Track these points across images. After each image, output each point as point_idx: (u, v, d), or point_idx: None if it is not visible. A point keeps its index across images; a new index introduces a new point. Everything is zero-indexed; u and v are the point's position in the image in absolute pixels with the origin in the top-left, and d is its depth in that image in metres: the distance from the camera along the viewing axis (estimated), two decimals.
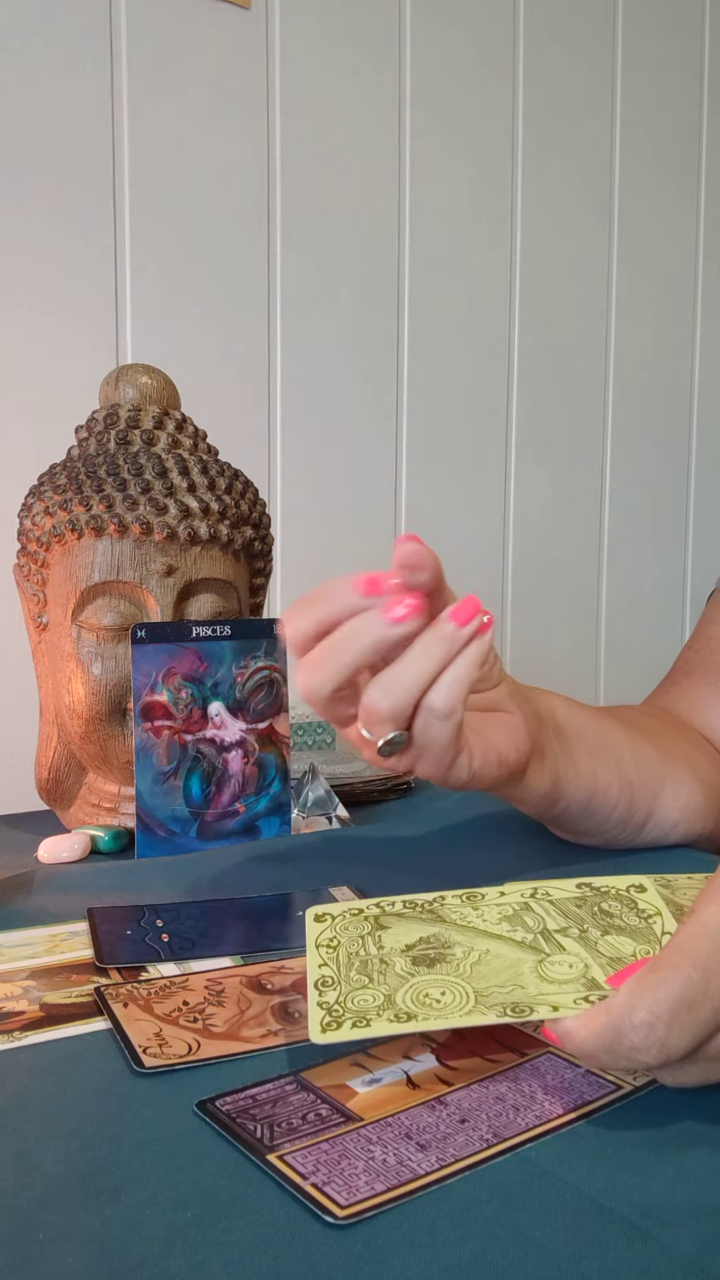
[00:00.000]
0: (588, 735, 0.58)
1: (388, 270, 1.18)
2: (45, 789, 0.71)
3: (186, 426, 0.71)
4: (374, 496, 1.18)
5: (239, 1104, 0.34)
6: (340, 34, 1.11)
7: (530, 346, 1.31)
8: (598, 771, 0.57)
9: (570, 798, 0.57)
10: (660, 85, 1.42)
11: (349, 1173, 0.30)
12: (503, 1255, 0.26)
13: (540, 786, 0.55)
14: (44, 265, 0.94)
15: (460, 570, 1.26)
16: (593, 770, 0.57)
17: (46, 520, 0.66)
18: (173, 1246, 0.27)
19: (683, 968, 0.31)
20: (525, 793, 0.55)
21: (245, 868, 0.60)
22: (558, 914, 0.42)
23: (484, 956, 0.39)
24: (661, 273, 1.45)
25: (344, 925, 0.43)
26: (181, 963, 0.46)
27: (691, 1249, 0.27)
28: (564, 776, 0.56)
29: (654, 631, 1.49)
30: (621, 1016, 0.31)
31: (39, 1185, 0.30)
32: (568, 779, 0.56)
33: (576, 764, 0.57)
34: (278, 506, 1.11)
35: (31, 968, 0.46)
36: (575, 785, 0.57)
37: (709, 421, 1.53)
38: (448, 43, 1.20)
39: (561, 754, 0.56)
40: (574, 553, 1.39)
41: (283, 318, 1.10)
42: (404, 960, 0.39)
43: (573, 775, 0.56)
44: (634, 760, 0.59)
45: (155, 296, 1.01)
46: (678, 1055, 0.31)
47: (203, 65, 1.02)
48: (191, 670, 0.64)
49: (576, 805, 0.57)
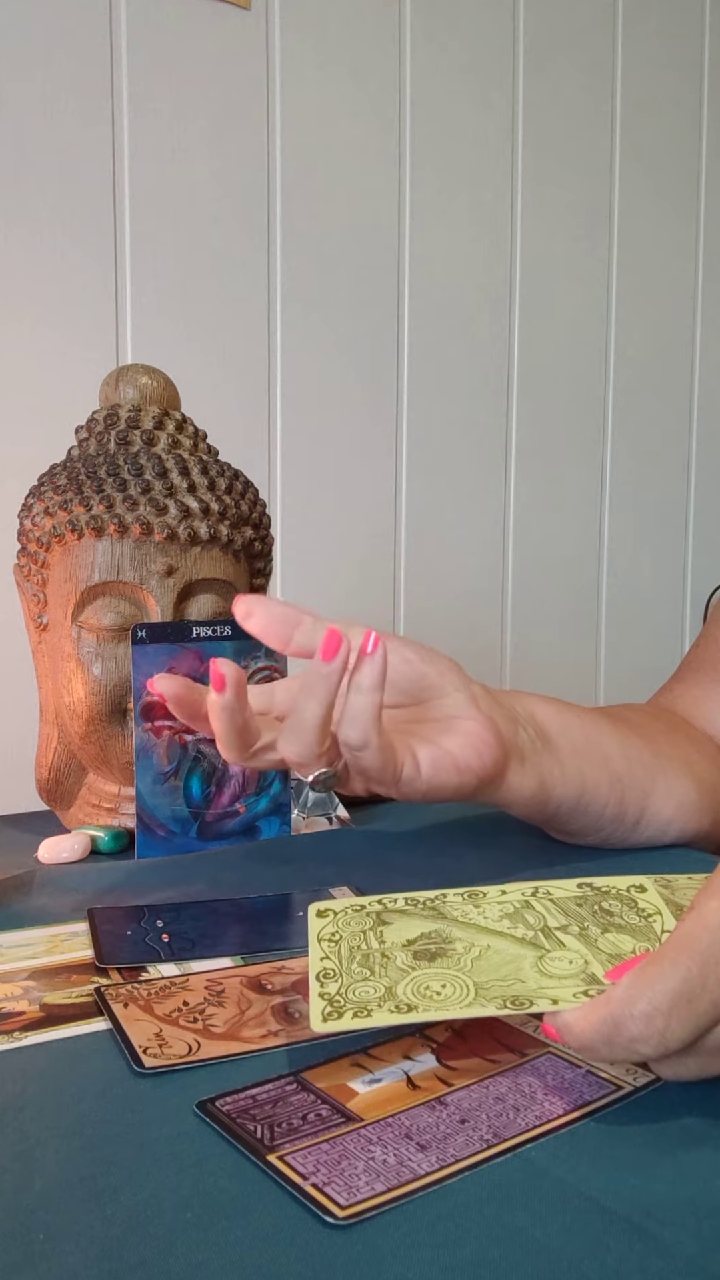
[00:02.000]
0: (572, 733, 0.58)
1: (388, 270, 1.18)
2: (45, 789, 0.71)
3: (186, 427, 0.71)
4: (374, 496, 1.18)
5: (239, 1104, 0.34)
6: (340, 34, 1.11)
7: (530, 346, 1.31)
8: (585, 769, 0.57)
9: (560, 798, 0.57)
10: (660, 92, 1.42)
11: (349, 1173, 0.30)
12: (503, 1255, 0.26)
13: (525, 789, 0.55)
14: (44, 265, 0.94)
15: (460, 570, 1.26)
16: (579, 768, 0.57)
17: (46, 520, 0.67)
18: (173, 1246, 0.27)
19: (681, 961, 0.32)
20: (511, 796, 0.55)
21: (245, 868, 0.60)
22: (558, 912, 0.42)
23: (485, 952, 0.39)
24: (662, 273, 1.45)
25: (346, 920, 0.43)
26: (181, 963, 0.46)
27: (691, 1249, 0.27)
28: (550, 776, 0.56)
29: (654, 631, 1.49)
30: (621, 1008, 0.32)
31: (39, 1185, 0.30)
32: (554, 779, 0.56)
33: (562, 763, 0.57)
34: (278, 506, 1.11)
35: (31, 968, 0.46)
36: (563, 784, 0.57)
37: (709, 422, 1.53)
38: (448, 43, 1.20)
39: (545, 754, 0.56)
40: (574, 553, 1.39)
41: (283, 318, 1.10)
42: (405, 954, 0.39)
43: (559, 775, 0.56)
44: (623, 756, 0.59)
45: (155, 296, 1.01)
46: (676, 1047, 0.32)
47: (203, 65, 1.02)
48: (192, 670, 0.64)
49: (567, 805, 0.58)
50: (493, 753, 0.52)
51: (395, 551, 1.21)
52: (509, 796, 0.55)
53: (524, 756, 0.55)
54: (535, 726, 0.57)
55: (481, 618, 1.30)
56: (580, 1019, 0.33)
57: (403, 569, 1.21)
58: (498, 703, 0.55)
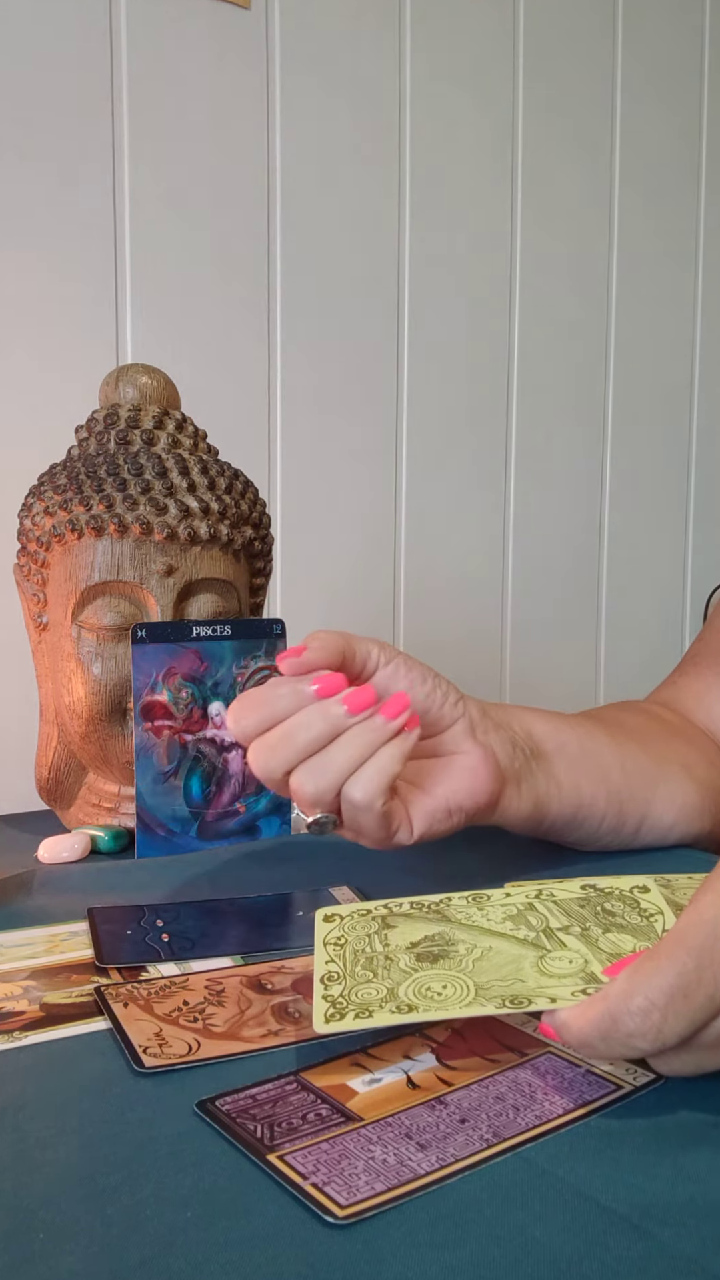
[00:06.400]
0: (569, 749, 0.58)
1: (388, 270, 1.18)
2: (45, 789, 0.71)
3: (186, 426, 0.71)
4: (374, 497, 1.18)
5: (239, 1104, 0.34)
6: (340, 34, 1.11)
7: (530, 346, 1.31)
8: (582, 785, 0.57)
9: (556, 814, 0.57)
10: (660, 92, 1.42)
11: (349, 1173, 0.30)
12: (503, 1255, 0.26)
13: (520, 811, 0.55)
14: (44, 265, 0.94)
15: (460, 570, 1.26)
16: (576, 784, 0.57)
17: (46, 520, 0.67)
18: (173, 1246, 0.27)
19: (678, 956, 0.32)
20: (505, 818, 0.55)
21: (245, 868, 0.60)
22: (561, 913, 0.42)
23: (486, 953, 0.39)
24: (662, 272, 1.45)
25: (352, 925, 0.43)
26: (181, 963, 0.46)
27: (691, 1249, 0.27)
28: (545, 795, 0.56)
29: (654, 630, 1.49)
30: (618, 1003, 0.32)
31: (39, 1185, 0.30)
32: (549, 797, 0.56)
33: (558, 781, 0.56)
34: (278, 506, 1.11)
35: (31, 968, 0.46)
36: (558, 801, 0.56)
37: (709, 421, 1.53)
38: (448, 43, 1.20)
39: (541, 774, 0.56)
40: (574, 552, 1.39)
41: (283, 318, 1.10)
42: (408, 957, 0.40)
43: (555, 792, 0.56)
44: (621, 768, 0.59)
45: (155, 297, 1.01)
46: (673, 1042, 0.32)
47: (203, 65, 1.02)
48: (192, 670, 0.64)
49: (562, 820, 0.57)
50: (487, 789, 0.52)
51: (395, 551, 1.21)
52: (503, 819, 0.55)
53: (520, 779, 0.55)
54: (532, 745, 0.56)
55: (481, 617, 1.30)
56: (577, 1016, 0.33)
57: (402, 569, 1.21)
58: (495, 726, 0.54)
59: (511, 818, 0.55)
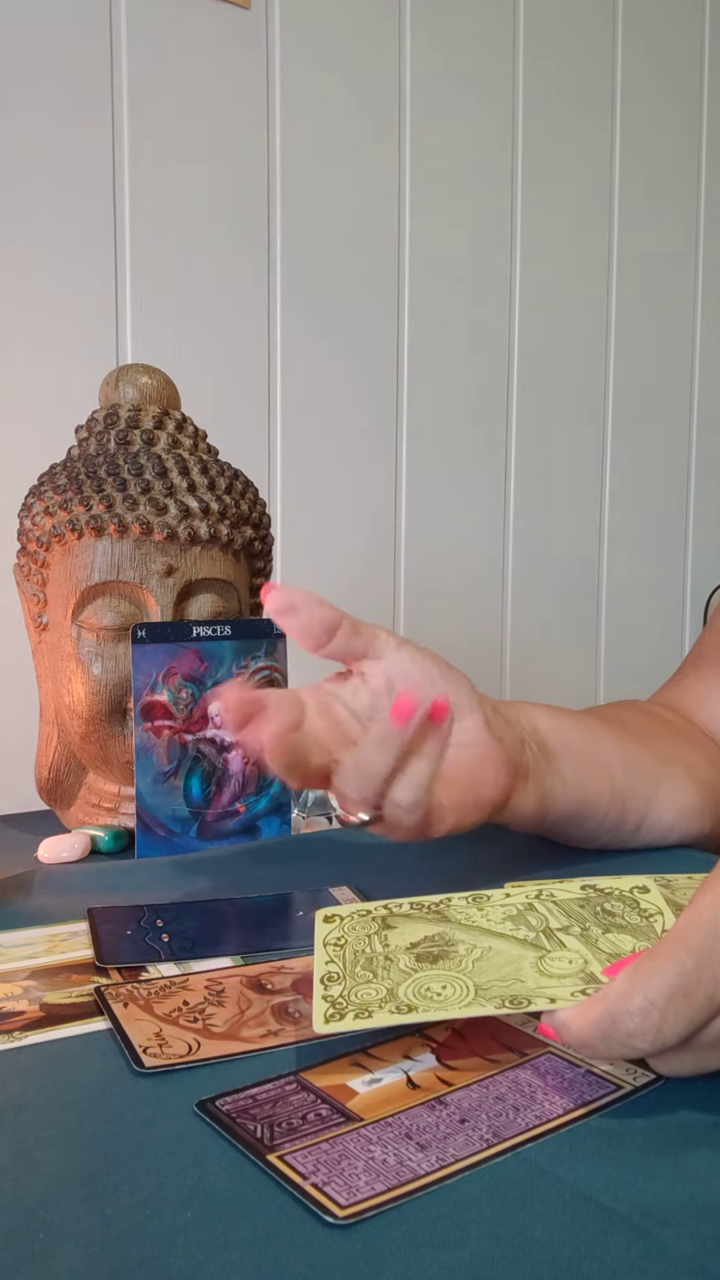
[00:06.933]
0: (574, 746, 0.58)
1: (388, 270, 1.18)
2: (45, 789, 0.71)
3: (186, 426, 0.71)
4: (374, 496, 1.18)
5: (239, 1104, 0.34)
6: (340, 34, 1.11)
7: (530, 346, 1.31)
8: (585, 782, 0.57)
9: (559, 811, 0.57)
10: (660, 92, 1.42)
11: (349, 1173, 0.30)
12: (503, 1255, 0.26)
13: (526, 807, 0.55)
14: (44, 265, 0.94)
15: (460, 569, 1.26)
16: (580, 781, 0.57)
17: (46, 520, 0.66)
18: (173, 1246, 0.27)
19: (677, 956, 0.32)
20: (512, 815, 0.55)
21: (245, 868, 0.60)
22: (560, 914, 0.42)
23: (486, 953, 0.39)
24: (662, 272, 1.45)
25: (352, 925, 0.44)
26: (181, 963, 0.46)
27: (691, 1249, 0.27)
28: (550, 791, 0.56)
29: (654, 631, 1.49)
30: (618, 1003, 0.32)
31: (39, 1185, 0.30)
32: (554, 793, 0.56)
33: (563, 777, 0.56)
34: (278, 506, 1.11)
35: (31, 968, 0.46)
36: (563, 798, 0.56)
37: (709, 422, 1.53)
38: (448, 42, 1.20)
39: (547, 770, 0.56)
40: (574, 552, 1.39)
41: (283, 317, 1.10)
42: (408, 957, 0.40)
43: (559, 789, 0.56)
44: (624, 766, 0.59)
45: (155, 297, 1.01)
46: (672, 1042, 0.32)
47: (203, 65, 1.02)
48: (192, 670, 0.64)
49: (565, 817, 0.57)
50: (503, 782, 0.52)
51: (395, 550, 1.21)
52: (510, 815, 0.55)
53: (528, 775, 0.54)
54: (538, 740, 0.56)
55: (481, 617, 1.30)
56: (577, 1016, 0.33)
57: (403, 568, 1.21)
58: (506, 722, 0.54)
59: (518, 813, 0.55)
